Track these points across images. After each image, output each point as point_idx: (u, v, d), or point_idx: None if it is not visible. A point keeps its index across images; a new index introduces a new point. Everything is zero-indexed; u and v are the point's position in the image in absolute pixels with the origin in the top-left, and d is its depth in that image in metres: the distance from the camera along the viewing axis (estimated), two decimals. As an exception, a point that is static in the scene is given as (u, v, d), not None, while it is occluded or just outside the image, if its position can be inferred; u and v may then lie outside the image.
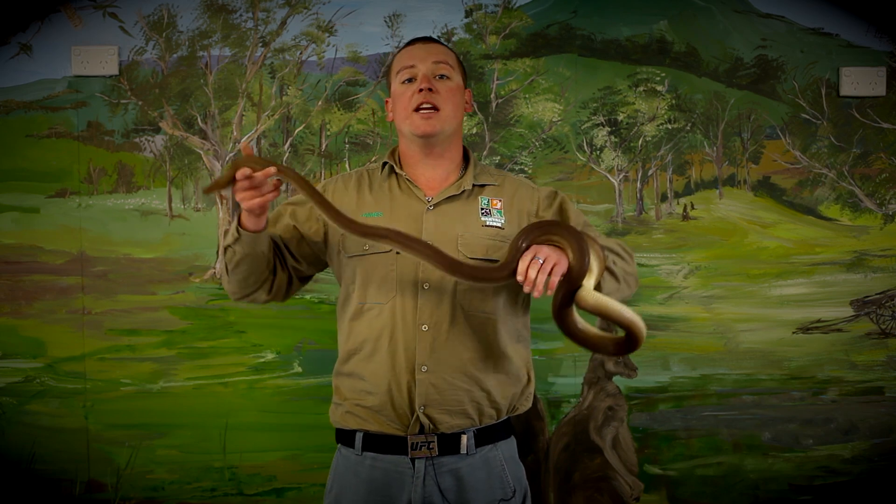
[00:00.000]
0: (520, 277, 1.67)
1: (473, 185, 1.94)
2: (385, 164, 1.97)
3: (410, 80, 1.91)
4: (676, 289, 2.84)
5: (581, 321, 1.72)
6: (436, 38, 2.02)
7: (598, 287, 1.74)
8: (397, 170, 1.94)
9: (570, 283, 1.69)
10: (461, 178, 1.94)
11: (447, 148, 1.94)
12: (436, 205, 1.90)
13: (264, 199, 1.73)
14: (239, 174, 1.70)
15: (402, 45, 2.03)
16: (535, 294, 1.66)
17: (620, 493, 2.82)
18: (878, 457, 2.86)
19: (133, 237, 2.78)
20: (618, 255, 1.87)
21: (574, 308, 1.71)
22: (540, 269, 1.65)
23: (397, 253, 1.85)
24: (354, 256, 1.90)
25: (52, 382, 2.76)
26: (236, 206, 1.78)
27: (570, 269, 1.68)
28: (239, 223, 1.81)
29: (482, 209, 1.91)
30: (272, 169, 1.71)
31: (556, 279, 1.66)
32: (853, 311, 2.86)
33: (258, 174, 1.70)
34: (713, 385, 2.84)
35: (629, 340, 1.70)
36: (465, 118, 2.68)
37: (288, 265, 1.94)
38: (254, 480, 2.78)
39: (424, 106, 1.88)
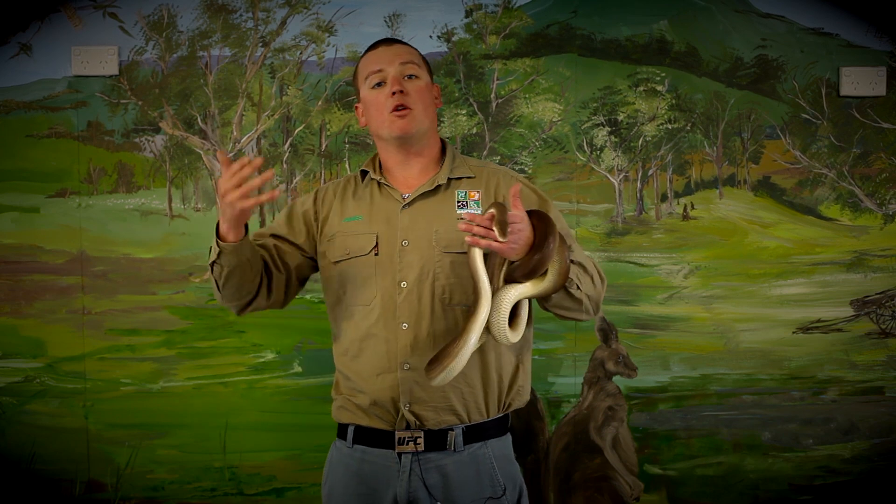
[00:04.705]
0: (462, 225, 1.67)
1: (449, 179, 1.94)
2: (365, 172, 2.00)
3: (380, 84, 1.93)
4: (676, 289, 2.84)
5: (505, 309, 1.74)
6: (397, 38, 2.04)
7: (547, 298, 1.78)
8: (372, 175, 1.96)
9: (512, 274, 1.73)
10: (436, 173, 1.95)
11: (424, 146, 1.95)
12: (410, 203, 1.91)
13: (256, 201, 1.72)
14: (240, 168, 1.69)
15: (365, 49, 2.04)
16: (468, 239, 1.67)
17: (620, 493, 2.82)
18: (878, 457, 2.86)
19: (133, 237, 2.78)
20: (590, 276, 1.86)
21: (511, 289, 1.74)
22: (494, 235, 1.66)
23: (376, 255, 1.87)
24: (339, 262, 1.92)
25: (52, 382, 2.76)
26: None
27: (521, 265, 1.71)
28: (219, 237, 1.81)
29: (459, 202, 1.92)
30: None
31: (485, 242, 1.65)
32: (853, 311, 2.86)
33: None
34: (713, 385, 2.84)
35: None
36: (464, 118, 2.68)
37: (285, 264, 1.96)
38: (254, 480, 2.78)
39: (398, 107, 1.89)
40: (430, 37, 2.76)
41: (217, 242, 1.80)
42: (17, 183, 2.77)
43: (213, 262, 1.84)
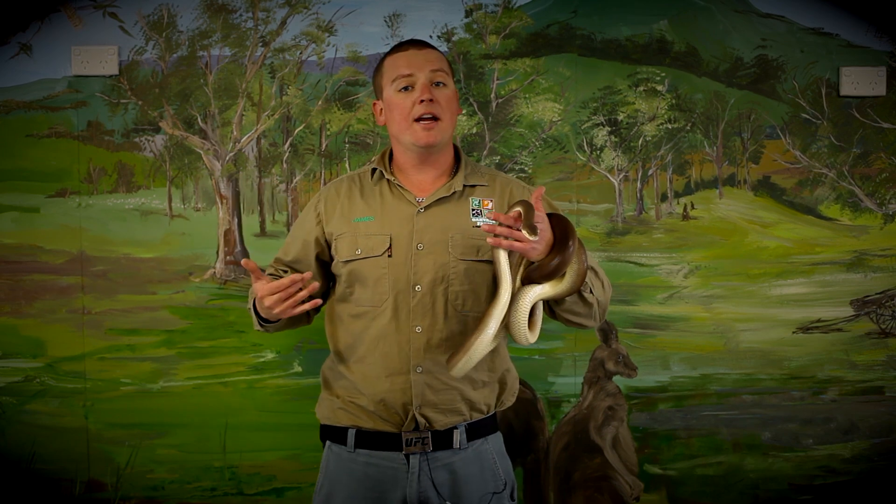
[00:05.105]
0: (486, 226, 1.71)
1: (464, 186, 1.94)
2: (374, 169, 1.98)
3: (407, 89, 1.90)
4: (676, 288, 2.84)
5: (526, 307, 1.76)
6: (427, 41, 2.03)
7: (559, 302, 1.80)
8: (387, 175, 1.95)
9: (531, 276, 1.74)
10: (452, 179, 1.95)
11: (442, 153, 1.95)
12: (426, 207, 1.91)
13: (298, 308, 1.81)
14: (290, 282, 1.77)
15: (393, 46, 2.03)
16: (490, 240, 1.68)
17: (620, 492, 2.82)
18: (878, 456, 2.86)
19: (133, 237, 2.78)
20: (601, 281, 1.89)
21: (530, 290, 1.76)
22: (520, 240, 1.67)
23: (389, 256, 1.87)
24: (349, 262, 1.92)
25: (52, 382, 2.76)
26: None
27: (540, 266, 1.73)
28: (261, 318, 1.90)
29: (473, 210, 1.92)
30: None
31: (508, 243, 1.67)
32: (853, 311, 2.86)
33: None
34: (713, 385, 2.84)
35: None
36: (464, 118, 2.68)
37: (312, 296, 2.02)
38: (254, 480, 2.78)
39: (426, 116, 1.88)
40: (430, 37, 2.75)
41: (260, 323, 1.92)
42: (17, 183, 2.77)
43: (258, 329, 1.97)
